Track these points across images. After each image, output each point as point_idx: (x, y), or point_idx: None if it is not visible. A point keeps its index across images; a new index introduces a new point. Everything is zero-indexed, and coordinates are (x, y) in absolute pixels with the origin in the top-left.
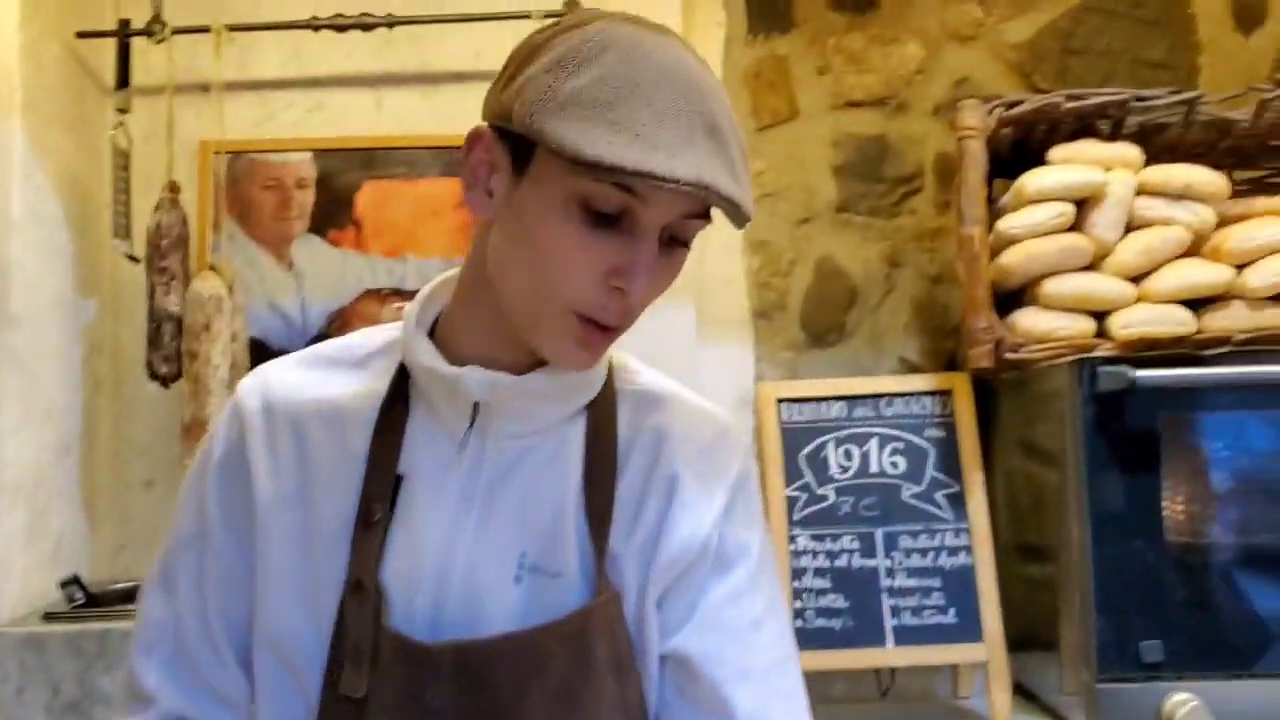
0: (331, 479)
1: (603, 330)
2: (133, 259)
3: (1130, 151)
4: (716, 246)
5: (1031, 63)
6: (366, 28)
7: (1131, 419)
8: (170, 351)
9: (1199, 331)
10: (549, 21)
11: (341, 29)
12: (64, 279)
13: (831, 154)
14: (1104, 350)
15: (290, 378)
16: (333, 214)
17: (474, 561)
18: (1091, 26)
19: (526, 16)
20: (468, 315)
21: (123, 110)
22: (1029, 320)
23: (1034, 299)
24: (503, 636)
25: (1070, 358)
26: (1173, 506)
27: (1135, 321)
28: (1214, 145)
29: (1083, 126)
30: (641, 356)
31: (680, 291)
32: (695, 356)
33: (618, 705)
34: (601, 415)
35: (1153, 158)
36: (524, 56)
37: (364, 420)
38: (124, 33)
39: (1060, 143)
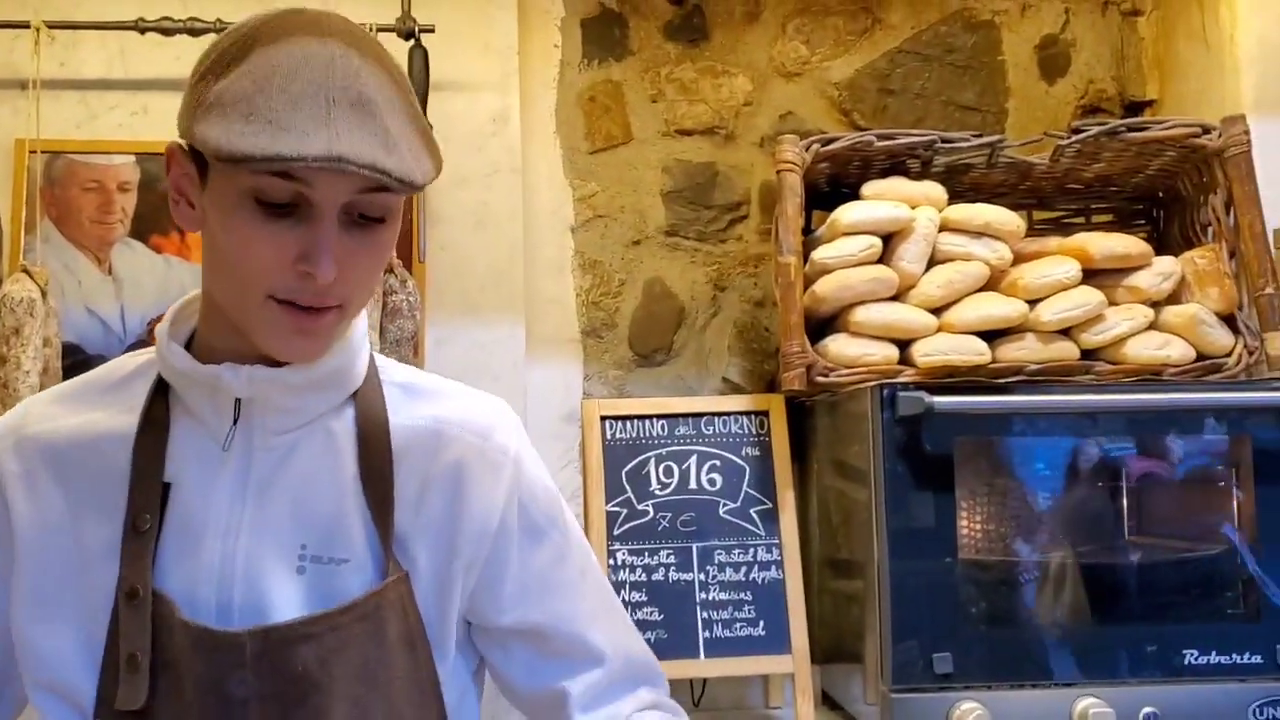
0: (96, 499)
1: (308, 312)
2: None
3: (936, 189)
4: (547, 265)
5: (851, 101)
6: (195, 33)
7: (929, 442)
8: None
9: (994, 361)
10: (374, 34)
11: (168, 32)
12: None
13: (662, 179)
14: (906, 377)
15: (46, 411)
16: (156, 219)
17: (253, 556)
18: (908, 69)
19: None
20: (214, 322)
21: None
22: (839, 346)
23: (844, 326)
24: (305, 619)
25: (874, 383)
26: (966, 526)
27: (936, 350)
28: (1015, 186)
29: (894, 164)
30: (470, 371)
31: (510, 309)
32: (524, 373)
33: (411, 680)
34: (369, 405)
35: (958, 196)
36: (195, 70)
37: (125, 438)
38: None
39: (873, 178)
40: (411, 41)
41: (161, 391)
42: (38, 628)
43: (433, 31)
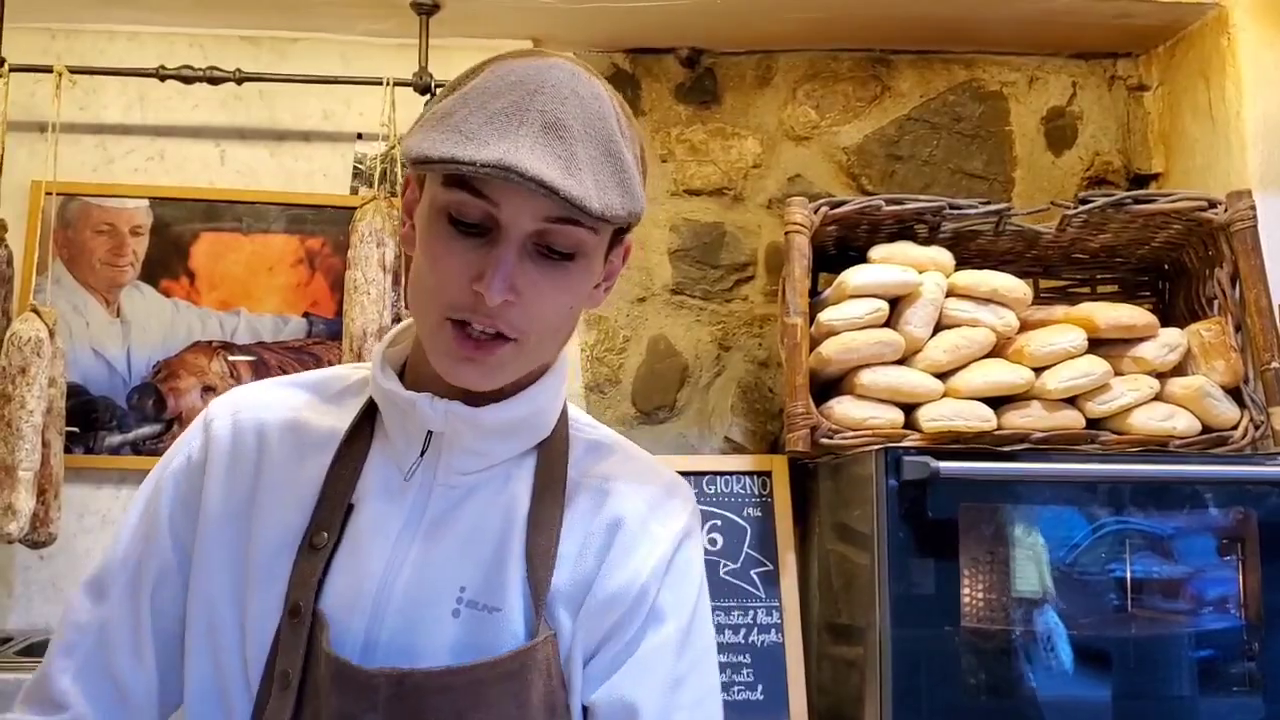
0: (279, 499)
1: (476, 342)
2: None
3: (943, 255)
4: None
5: (860, 165)
6: (215, 81)
7: (933, 507)
8: None
9: (999, 428)
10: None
11: (188, 80)
12: None
13: (670, 238)
14: (911, 441)
15: (266, 395)
16: (167, 263)
17: (412, 592)
18: (916, 136)
19: (379, 82)
20: (421, 351)
21: None
22: (844, 408)
23: (849, 388)
24: (444, 669)
25: (879, 446)
26: (968, 593)
27: (941, 415)
28: (1022, 254)
29: (902, 229)
30: None
31: None
32: None
33: None
34: (552, 457)
35: (964, 262)
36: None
37: (325, 448)
38: None
39: (880, 242)
40: (428, 95)
41: (369, 413)
42: (203, 612)
43: None
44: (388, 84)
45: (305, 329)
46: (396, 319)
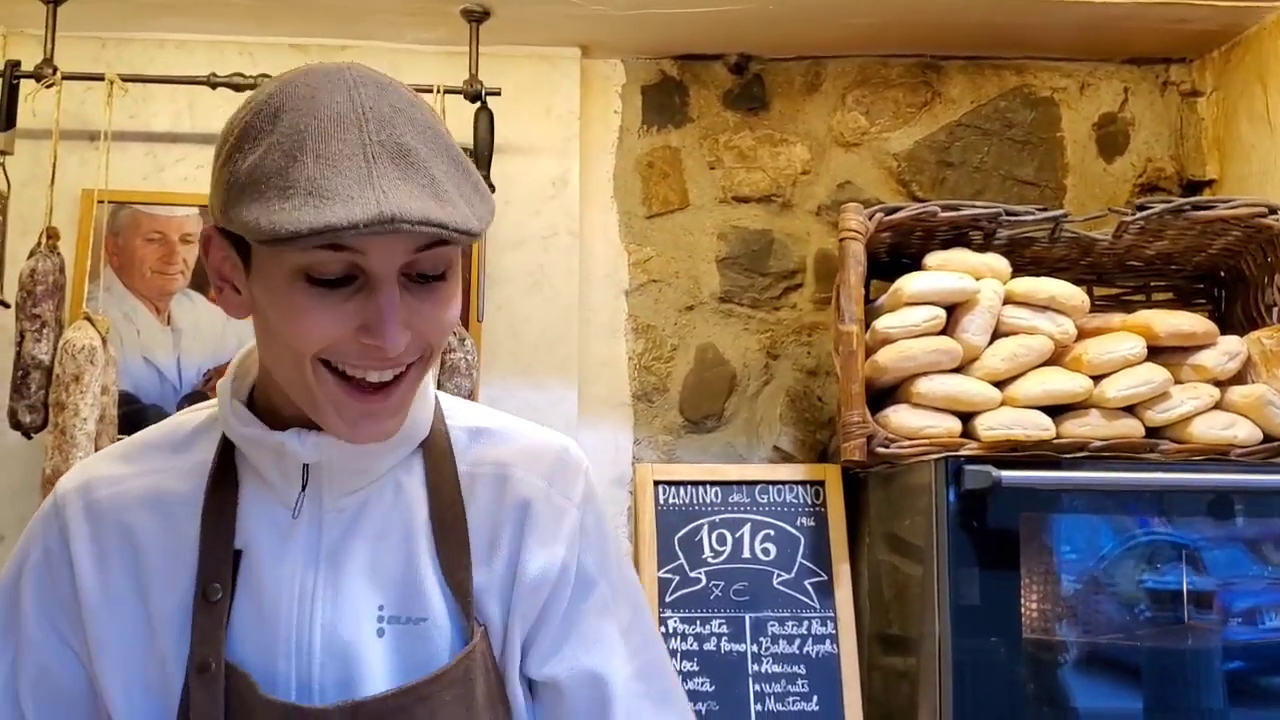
0: (166, 566)
1: (376, 391)
2: (3, 304)
3: (1000, 262)
4: (600, 328)
5: (910, 172)
6: None
7: (993, 518)
8: (36, 401)
9: (1058, 437)
10: (444, 94)
11: (239, 88)
12: None
13: (718, 245)
14: (969, 450)
15: (112, 472)
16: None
17: (332, 623)
18: (967, 142)
19: (428, 90)
20: (275, 386)
21: (4, 152)
22: (900, 417)
23: (905, 397)
24: (395, 692)
25: (937, 455)
26: (1028, 604)
27: (999, 424)
28: (1076, 261)
29: (956, 235)
30: None
31: (563, 371)
32: (575, 435)
33: None
34: (436, 455)
35: (1019, 269)
36: (218, 148)
37: (193, 501)
38: (12, 74)
39: (934, 249)
40: (478, 104)
41: (228, 451)
42: (117, 702)
43: (499, 95)
44: (438, 91)
45: None
46: None
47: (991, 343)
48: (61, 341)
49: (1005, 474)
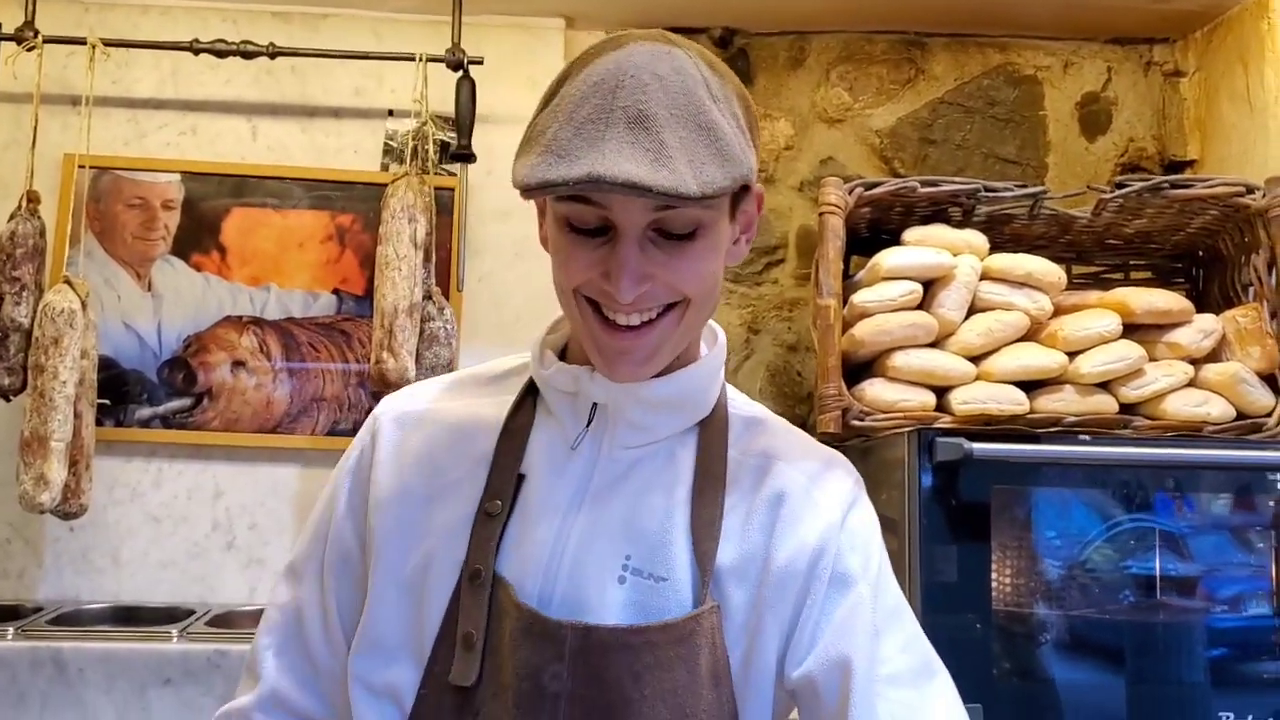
0: (458, 481)
1: (623, 330)
2: None
3: (978, 238)
4: None
5: (893, 148)
6: (248, 55)
7: (965, 490)
8: (15, 363)
9: (1032, 411)
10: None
11: (221, 54)
12: None
13: None
14: (944, 424)
15: (428, 393)
16: (198, 238)
17: (581, 558)
18: (950, 120)
19: (410, 58)
20: (572, 328)
21: None
22: (875, 391)
23: (881, 371)
24: (625, 628)
25: (911, 428)
26: (999, 577)
27: (974, 398)
28: (1055, 239)
29: (936, 211)
30: None
31: None
32: None
33: (714, 717)
34: (713, 434)
35: (998, 246)
36: None
37: (493, 428)
38: (25, 39)
39: (914, 225)
40: (460, 72)
41: (531, 392)
42: (375, 593)
43: (481, 64)
44: (420, 60)
45: (335, 305)
46: (427, 295)
47: (968, 318)
48: (41, 305)
49: (977, 446)
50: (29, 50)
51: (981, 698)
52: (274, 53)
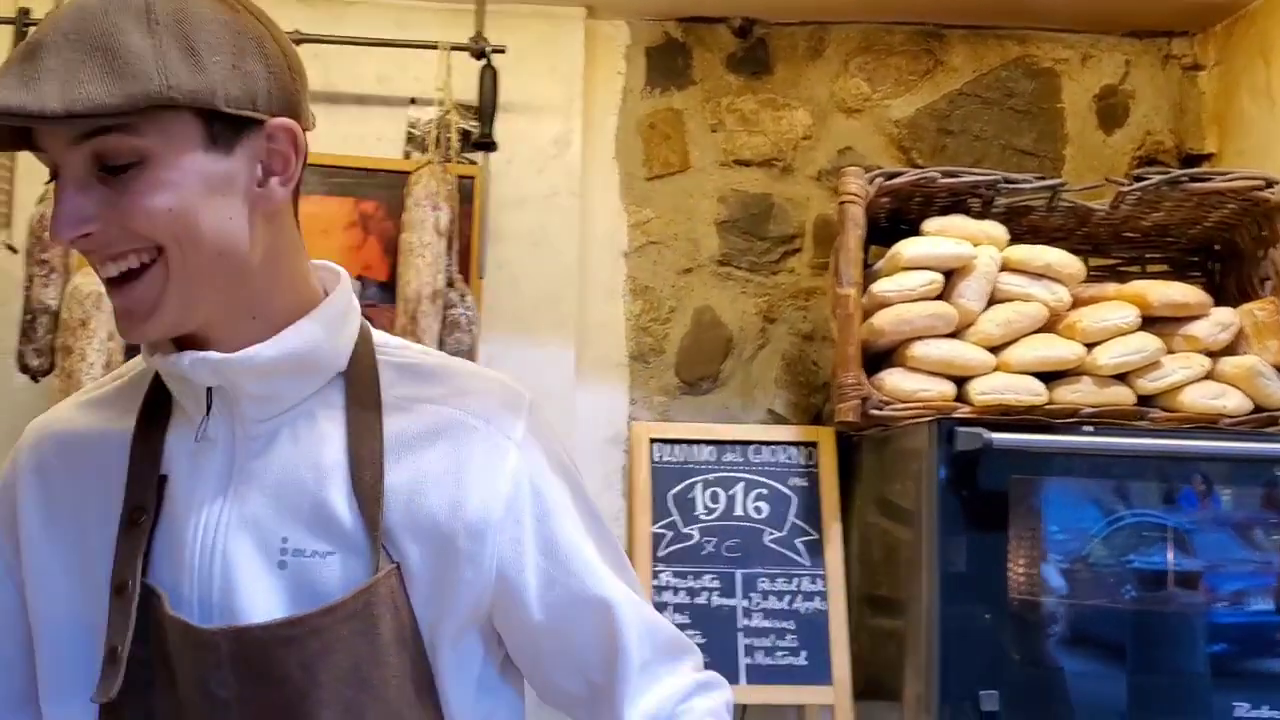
0: (104, 497)
1: (116, 285)
2: (11, 249)
3: (997, 229)
4: (599, 289)
5: (910, 139)
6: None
7: (984, 480)
8: (44, 345)
9: (1050, 402)
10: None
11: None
12: None
13: (717, 208)
14: (962, 414)
15: (63, 414)
16: None
17: (232, 550)
18: (968, 111)
19: (433, 46)
20: None
21: None
22: (894, 380)
23: (900, 360)
24: (283, 621)
25: (930, 418)
26: (1016, 566)
27: (992, 389)
28: (1073, 231)
29: (955, 202)
30: None
31: (561, 330)
32: (573, 395)
33: (406, 680)
34: (359, 388)
35: (1016, 238)
36: None
37: (126, 438)
38: (22, 22)
39: (933, 216)
40: (483, 61)
41: (160, 387)
42: (43, 625)
43: (503, 52)
44: (443, 48)
45: (359, 291)
46: (450, 283)
47: (987, 309)
48: (69, 287)
49: (996, 436)
50: None
51: (997, 686)
52: (299, 39)
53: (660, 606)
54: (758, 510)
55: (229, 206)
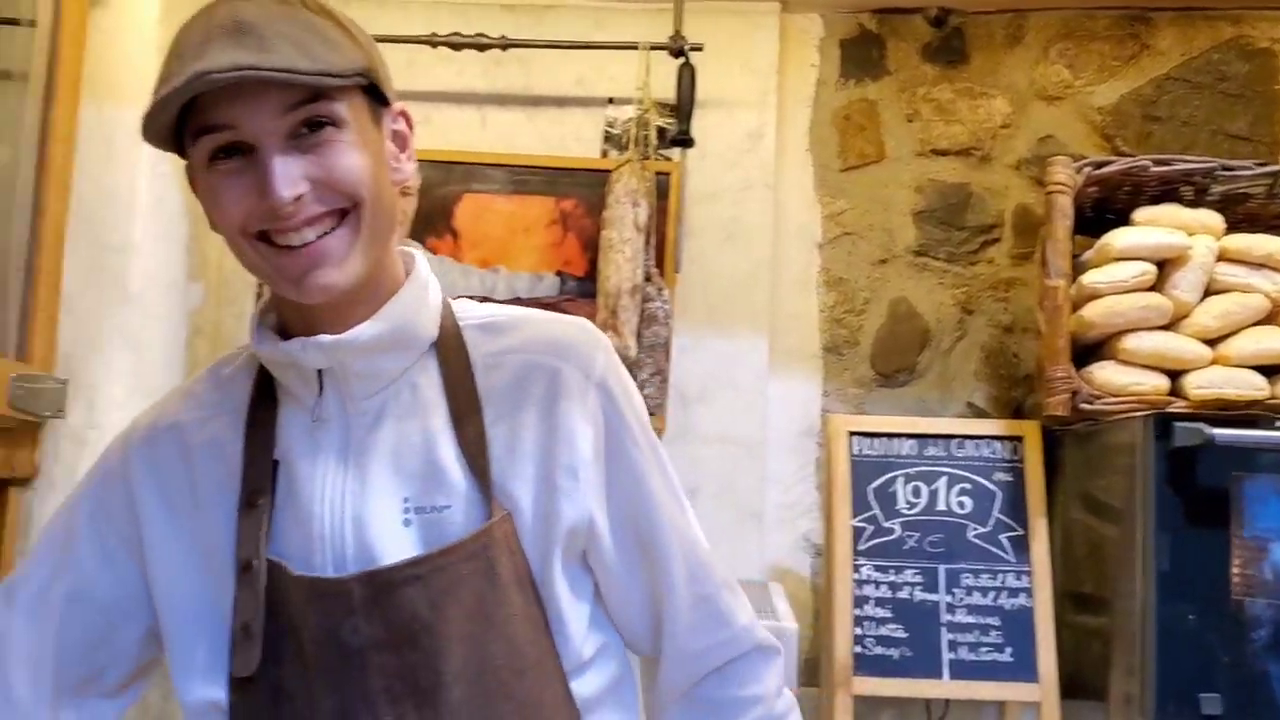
0: (217, 483)
1: (301, 249)
2: None
3: (1213, 218)
4: (792, 281)
5: (1115, 126)
6: (481, 48)
7: (1203, 477)
8: None
9: (1273, 397)
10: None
11: (457, 47)
12: (177, 263)
13: (914, 199)
14: (1178, 408)
15: (171, 405)
16: (432, 222)
17: (361, 517)
18: (1176, 96)
19: (633, 47)
20: (278, 302)
21: None
22: (1105, 374)
23: (1111, 353)
24: (409, 561)
25: (1144, 413)
26: (1236, 567)
27: (1210, 382)
28: None
29: (1166, 191)
30: (711, 381)
31: (754, 322)
32: (765, 387)
33: (526, 620)
34: (450, 353)
35: (1232, 226)
36: None
37: (237, 425)
38: None
39: (1141, 205)
40: (681, 59)
41: (266, 375)
42: (170, 609)
43: (701, 50)
44: (642, 48)
45: (558, 286)
46: (647, 277)
47: (1202, 300)
48: None
49: (1218, 432)
50: None
51: (1219, 688)
52: (505, 44)
53: (861, 600)
54: (961, 505)
55: (386, 175)
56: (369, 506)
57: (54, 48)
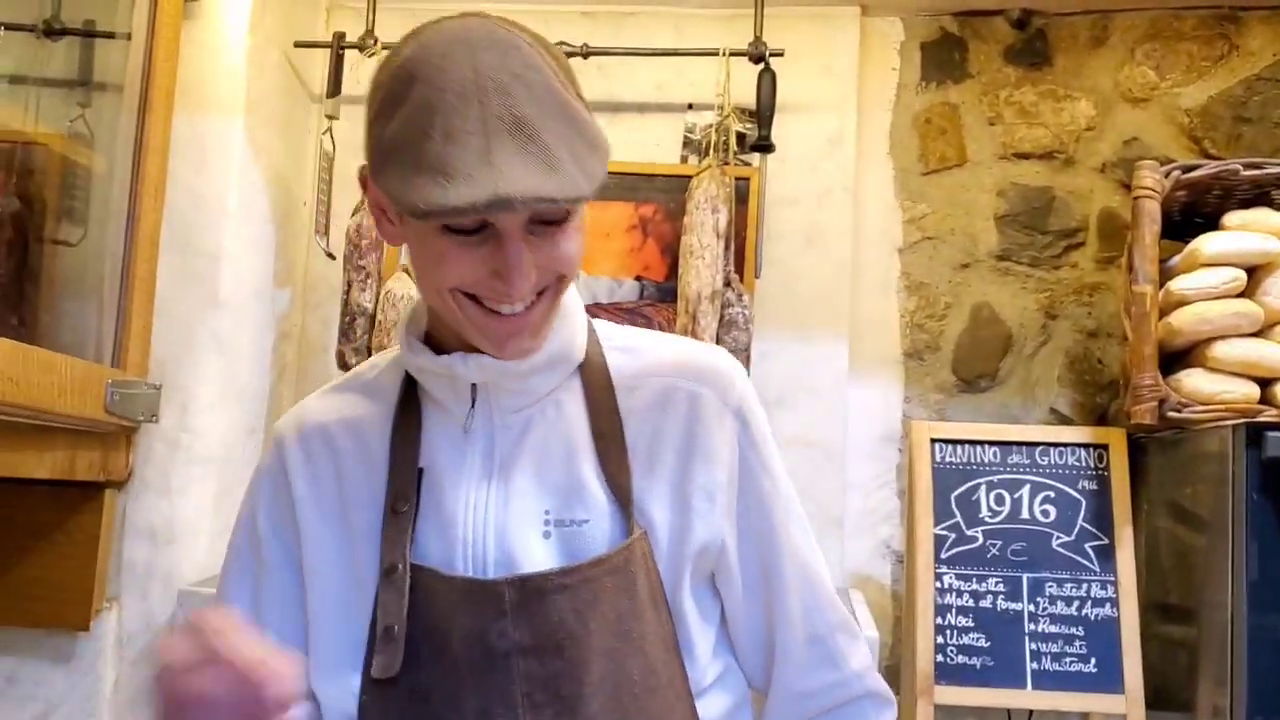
0: (363, 487)
1: (509, 318)
2: (330, 255)
3: None
4: (872, 285)
5: (1203, 128)
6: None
7: None
8: (361, 345)
9: None
10: (733, 59)
11: None
12: (265, 269)
13: (996, 203)
14: (1269, 416)
15: (319, 405)
16: None
17: (503, 526)
18: (1267, 96)
19: (714, 53)
20: (440, 320)
21: (331, 117)
22: (1194, 382)
23: (1200, 361)
24: (560, 570)
25: (1234, 421)
26: None
27: None
28: None
29: (1258, 194)
30: (791, 386)
31: (834, 327)
32: (845, 392)
33: (659, 638)
34: (594, 375)
35: None
36: (368, 105)
37: (383, 429)
38: (338, 45)
39: (1232, 209)
40: (761, 65)
41: (410, 385)
42: (316, 608)
43: (781, 55)
44: (722, 54)
45: (638, 291)
46: (727, 282)
47: None
48: (383, 291)
49: None
50: (370, 57)
51: None
52: (587, 52)
53: (943, 609)
54: (1045, 513)
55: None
56: (511, 517)
57: (148, 60)
